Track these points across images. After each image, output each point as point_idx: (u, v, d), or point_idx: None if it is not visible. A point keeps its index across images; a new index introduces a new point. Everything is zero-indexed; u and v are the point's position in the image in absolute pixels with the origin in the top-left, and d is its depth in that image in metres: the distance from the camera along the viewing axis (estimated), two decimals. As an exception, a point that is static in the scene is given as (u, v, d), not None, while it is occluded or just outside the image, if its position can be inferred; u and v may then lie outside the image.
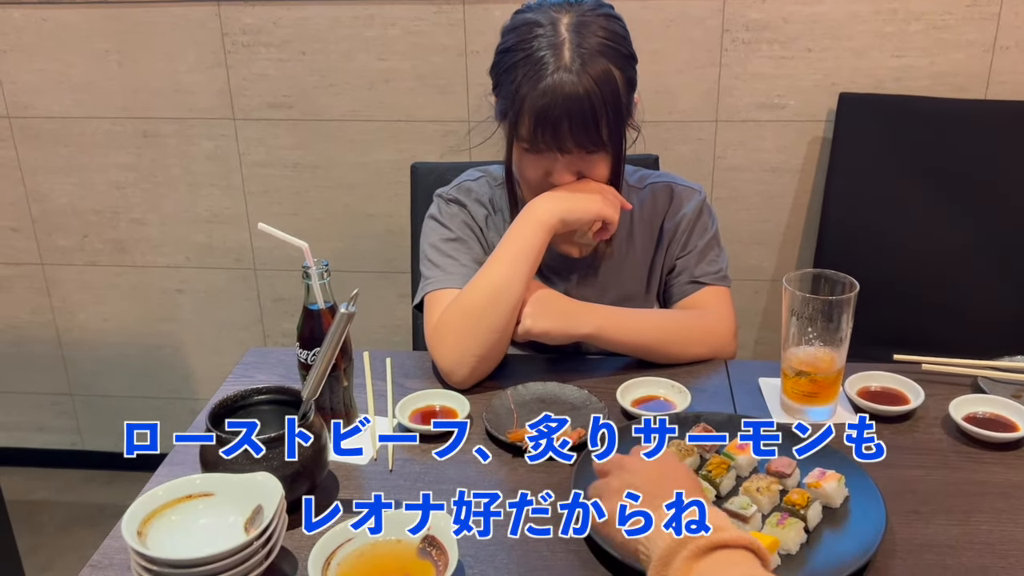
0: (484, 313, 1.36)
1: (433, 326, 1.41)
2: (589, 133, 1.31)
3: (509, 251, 1.38)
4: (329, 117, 2.32)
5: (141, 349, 2.63)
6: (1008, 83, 2.14)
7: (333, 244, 2.44)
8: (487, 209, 1.54)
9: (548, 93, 1.28)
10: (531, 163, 1.39)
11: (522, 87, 1.30)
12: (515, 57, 1.32)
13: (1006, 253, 2.10)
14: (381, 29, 2.23)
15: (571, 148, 1.33)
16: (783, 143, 2.25)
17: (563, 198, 1.38)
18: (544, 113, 1.29)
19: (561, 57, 1.29)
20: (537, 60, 1.30)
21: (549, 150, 1.34)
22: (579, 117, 1.29)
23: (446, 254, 1.49)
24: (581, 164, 1.37)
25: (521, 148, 1.37)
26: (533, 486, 1.17)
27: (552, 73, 1.29)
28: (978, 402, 1.29)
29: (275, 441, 1.06)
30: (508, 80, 1.33)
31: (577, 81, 1.28)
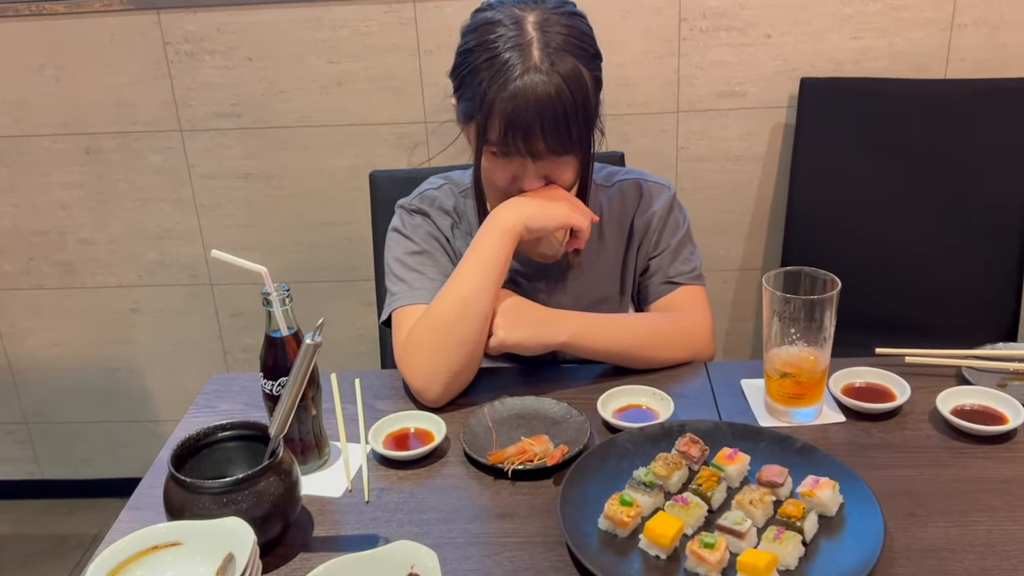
0: (453, 327, 1.31)
1: (402, 344, 1.35)
2: (560, 136, 1.26)
3: (475, 261, 1.33)
4: (280, 124, 2.24)
5: (97, 373, 2.53)
6: (967, 61, 2.12)
7: (291, 255, 2.37)
8: (452, 218, 1.49)
9: (519, 95, 1.23)
10: (499, 168, 1.33)
11: (490, 89, 1.25)
12: (480, 58, 1.27)
13: (973, 232, 2.09)
14: (330, 31, 2.15)
15: (542, 152, 1.28)
16: (746, 131, 2.22)
17: (528, 204, 1.33)
18: (515, 116, 1.24)
19: (530, 57, 1.24)
20: (504, 61, 1.24)
21: (520, 154, 1.28)
22: (551, 120, 1.24)
23: (412, 268, 1.43)
24: (550, 168, 1.32)
25: (489, 153, 1.32)
26: (518, 509, 1.12)
27: (522, 75, 1.23)
28: (964, 394, 1.27)
29: (243, 483, 1.00)
30: (474, 82, 1.27)
31: (548, 81, 1.23)
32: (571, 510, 1.07)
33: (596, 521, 1.06)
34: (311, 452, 1.20)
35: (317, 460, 1.21)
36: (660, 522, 1.02)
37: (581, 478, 1.12)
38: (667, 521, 1.02)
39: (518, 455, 1.17)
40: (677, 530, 1.01)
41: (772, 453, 1.16)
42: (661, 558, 1.01)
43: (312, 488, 1.17)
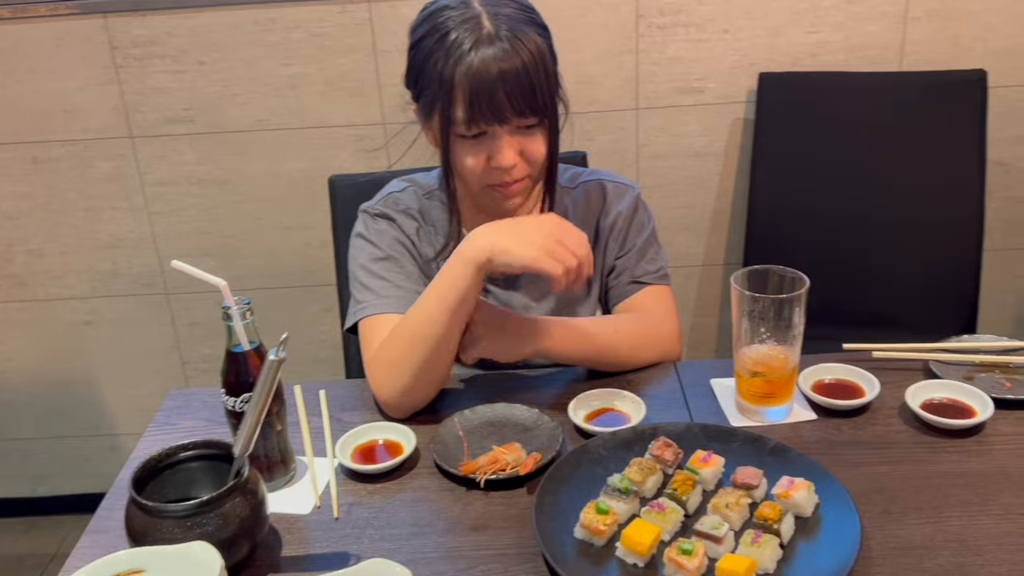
0: (414, 348, 1.27)
1: (372, 356, 1.33)
2: (526, 97, 1.25)
3: (433, 289, 1.27)
4: (234, 128, 2.20)
5: (51, 387, 2.46)
6: (921, 53, 2.14)
7: (248, 261, 2.32)
8: (417, 221, 1.46)
9: (476, 63, 1.22)
10: (471, 152, 1.30)
11: (447, 66, 1.24)
12: (432, 40, 1.26)
13: (931, 223, 2.10)
14: (283, 33, 2.11)
15: (509, 116, 1.26)
16: (705, 127, 2.22)
17: (505, 234, 1.23)
18: (477, 84, 1.23)
19: (481, 27, 1.24)
20: (457, 36, 1.24)
21: (488, 123, 1.26)
22: (513, 80, 1.23)
23: (377, 275, 1.40)
24: (522, 140, 1.30)
25: (457, 136, 1.29)
26: (492, 520, 1.10)
27: (476, 44, 1.23)
28: (933, 388, 1.27)
29: (207, 505, 0.97)
30: (430, 66, 1.26)
31: (505, 46, 1.23)
32: (546, 520, 1.05)
33: (572, 530, 1.04)
34: (277, 468, 1.17)
35: (283, 476, 1.18)
36: (637, 529, 1.00)
37: (555, 487, 1.10)
38: (644, 528, 1.01)
39: (490, 465, 1.15)
40: (654, 537, 1.00)
41: (746, 454, 1.15)
42: (639, 566, 0.99)
43: (279, 506, 1.14)
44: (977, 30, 2.11)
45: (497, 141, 1.29)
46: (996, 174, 2.19)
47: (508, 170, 1.31)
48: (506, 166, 1.30)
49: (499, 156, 1.29)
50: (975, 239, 2.08)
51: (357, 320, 1.39)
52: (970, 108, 2.06)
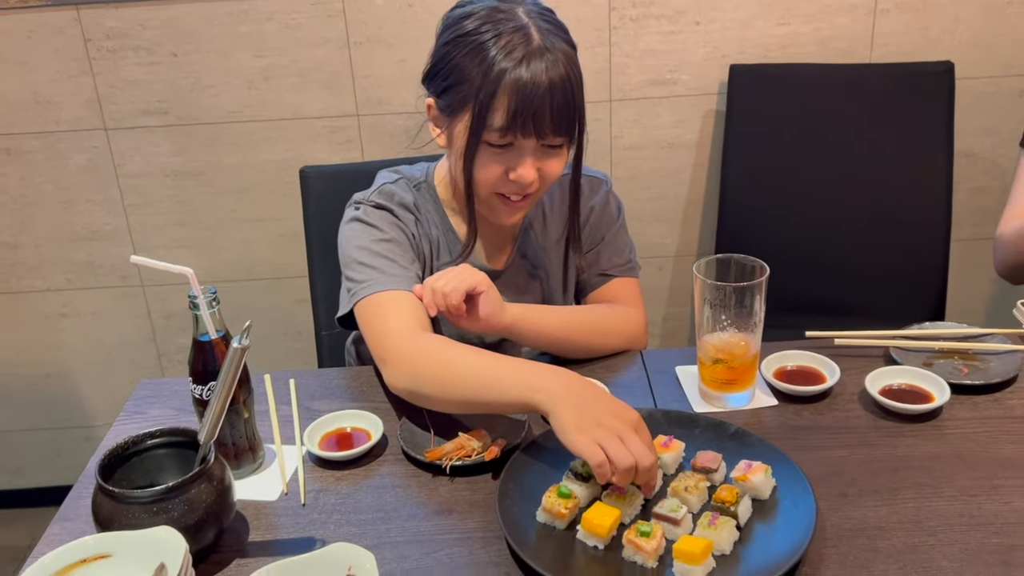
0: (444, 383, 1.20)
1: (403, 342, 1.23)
2: (566, 117, 1.25)
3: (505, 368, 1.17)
4: (208, 120, 2.20)
5: (26, 380, 2.46)
6: (891, 45, 2.17)
7: (223, 253, 2.33)
8: (414, 214, 1.42)
9: (529, 75, 1.21)
10: (493, 158, 1.28)
11: (492, 71, 1.21)
12: (471, 42, 1.24)
13: (901, 214, 2.13)
14: (256, 24, 2.12)
15: (548, 132, 1.25)
16: (678, 118, 2.24)
17: (582, 412, 1.07)
18: (525, 96, 1.21)
19: (531, 39, 1.23)
20: (507, 42, 1.22)
21: (525, 137, 1.25)
22: (561, 98, 1.23)
23: (381, 255, 1.34)
24: (545, 157, 1.30)
25: (484, 142, 1.27)
26: (456, 505, 1.12)
27: (529, 55, 1.21)
28: (892, 374, 1.30)
29: (173, 491, 0.98)
30: (468, 68, 1.24)
31: (556, 61, 1.23)
32: (509, 504, 1.07)
33: (534, 514, 1.06)
34: (245, 456, 1.18)
35: (251, 464, 1.19)
36: (597, 512, 1.02)
37: (518, 472, 1.12)
38: (604, 511, 1.03)
39: (456, 451, 1.17)
40: (614, 520, 1.02)
41: (707, 439, 1.17)
42: (599, 548, 1.01)
43: (247, 492, 1.15)
44: (945, 22, 2.14)
45: (522, 156, 1.28)
46: (963, 165, 2.22)
47: (525, 186, 1.31)
48: (526, 182, 1.29)
49: (521, 170, 1.28)
50: (943, 229, 2.11)
51: (361, 299, 1.31)
52: (938, 99, 2.09)
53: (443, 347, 1.23)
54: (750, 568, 0.98)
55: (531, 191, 1.32)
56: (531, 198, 1.35)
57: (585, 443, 1.03)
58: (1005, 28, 2.14)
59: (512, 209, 1.35)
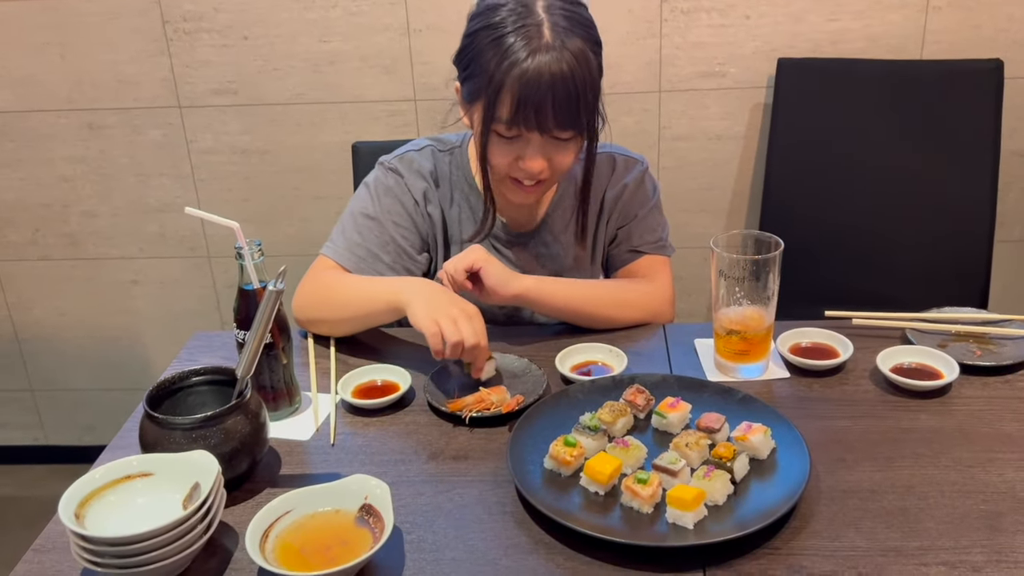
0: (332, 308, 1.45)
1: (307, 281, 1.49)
2: (570, 112, 1.31)
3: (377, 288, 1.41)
4: (274, 101, 2.32)
5: (99, 342, 2.62)
6: (942, 43, 2.17)
7: (284, 229, 2.45)
8: (427, 182, 1.53)
9: (532, 71, 1.28)
10: (504, 147, 1.37)
11: (501, 66, 1.29)
12: (489, 36, 1.31)
13: (946, 209, 2.14)
14: (322, 11, 2.23)
15: (551, 127, 1.32)
16: (726, 110, 2.28)
17: (424, 295, 1.33)
18: (528, 90, 1.28)
19: (541, 36, 1.29)
20: (516, 39, 1.29)
21: (529, 131, 1.33)
22: (563, 96, 1.29)
23: (356, 229, 1.49)
24: (553, 149, 1.36)
25: (495, 132, 1.35)
26: (472, 452, 1.19)
27: (534, 52, 1.28)
28: (905, 353, 1.33)
29: (211, 420, 1.08)
30: (484, 60, 1.31)
31: (560, 58, 1.28)
32: (519, 450, 1.14)
33: (542, 461, 1.13)
34: (282, 399, 1.28)
35: (288, 407, 1.29)
36: (599, 461, 1.09)
37: (532, 423, 1.19)
38: (606, 460, 1.09)
39: (476, 403, 1.25)
40: (615, 468, 1.08)
41: (714, 403, 1.22)
42: (600, 494, 1.08)
43: (282, 432, 1.24)
44: (999, 21, 2.14)
45: (530, 146, 1.35)
46: (1013, 165, 2.22)
47: (534, 175, 1.39)
48: (534, 172, 1.37)
49: (528, 161, 1.36)
50: (987, 228, 2.11)
51: (320, 253, 1.51)
52: (986, 97, 2.09)
53: (335, 278, 1.46)
54: (741, 518, 1.03)
55: (542, 178, 1.39)
56: (544, 184, 1.42)
57: (427, 322, 1.27)
58: (1059, 27, 2.14)
59: (525, 193, 1.42)
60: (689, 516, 1.01)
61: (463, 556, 1.01)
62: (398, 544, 1.03)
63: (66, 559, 1.03)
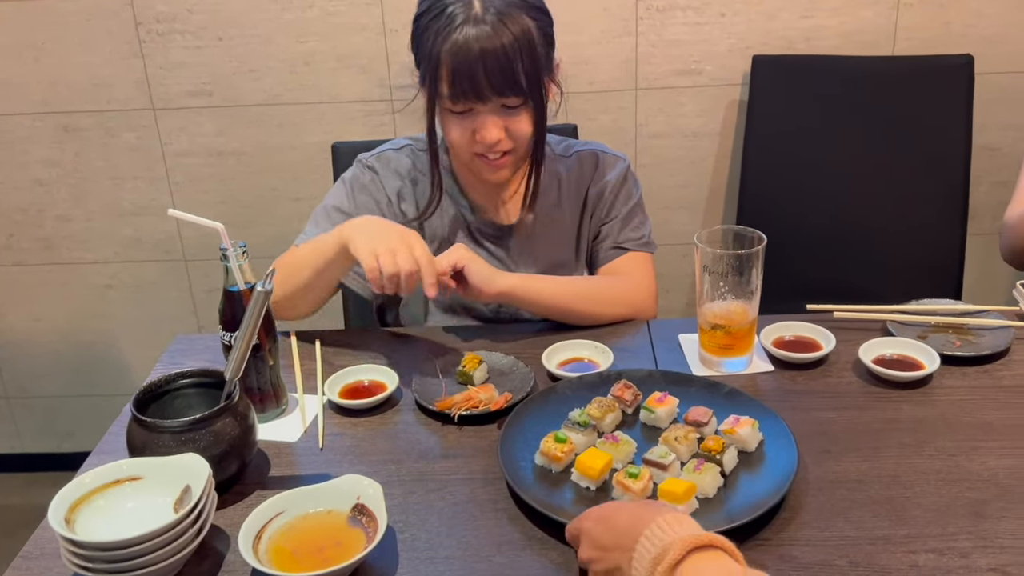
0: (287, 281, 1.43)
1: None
2: (506, 79, 1.34)
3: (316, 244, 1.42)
4: (251, 102, 2.31)
5: (75, 347, 2.60)
6: (913, 39, 2.20)
7: (264, 229, 2.43)
8: (402, 180, 1.55)
9: (460, 41, 1.31)
10: (457, 123, 1.40)
11: (436, 42, 1.33)
12: (428, 17, 1.36)
13: (919, 202, 2.17)
14: (298, 11, 2.22)
15: (490, 96, 1.35)
16: (702, 108, 2.30)
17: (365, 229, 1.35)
18: (459, 62, 1.32)
19: (471, 8, 1.33)
20: (448, 15, 1.33)
21: (469, 100, 1.35)
22: (494, 62, 1.32)
23: (329, 222, 1.50)
24: (505, 119, 1.39)
25: (445, 110, 1.39)
26: (462, 451, 1.19)
27: (463, 23, 1.32)
28: (887, 345, 1.35)
29: (200, 423, 1.07)
30: (424, 41, 1.36)
31: (490, 31, 1.31)
32: (510, 448, 1.14)
33: (533, 457, 1.13)
34: (270, 401, 1.27)
35: (275, 409, 1.28)
36: (590, 456, 1.10)
37: (521, 420, 1.20)
38: (597, 455, 1.10)
39: (464, 401, 1.25)
40: (606, 463, 1.09)
41: (701, 397, 1.23)
42: (591, 489, 1.08)
43: (270, 434, 1.24)
44: (968, 17, 2.17)
45: (481, 117, 1.38)
46: (984, 159, 2.26)
47: (492, 146, 1.40)
48: (489, 142, 1.39)
49: (482, 132, 1.39)
50: (960, 220, 2.14)
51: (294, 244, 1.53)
52: (957, 93, 2.12)
53: (291, 252, 1.48)
54: (731, 510, 1.04)
55: (503, 149, 1.42)
56: (510, 156, 1.44)
57: (365, 254, 1.28)
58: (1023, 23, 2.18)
59: (494, 167, 1.45)
60: (681, 509, 1.02)
61: (457, 554, 1.02)
62: (391, 544, 1.03)
63: (55, 565, 1.02)
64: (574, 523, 0.97)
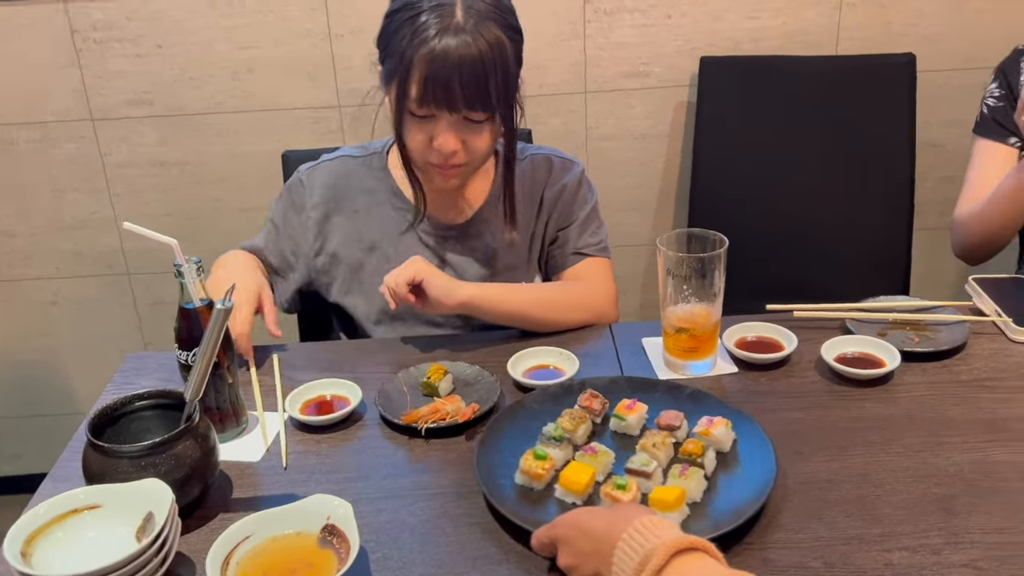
0: None
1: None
2: (479, 93, 1.32)
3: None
4: (193, 111, 2.25)
5: (18, 367, 2.50)
6: (856, 39, 2.24)
7: (210, 242, 2.37)
8: (331, 192, 1.55)
9: (439, 50, 1.29)
10: (417, 127, 1.38)
11: (411, 45, 1.30)
12: (404, 16, 1.32)
13: (866, 198, 2.20)
14: (240, 18, 2.17)
15: (460, 107, 1.32)
16: (650, 109, 2.30)
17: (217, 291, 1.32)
18: (435, 69, 1.29)
19: (453, 16, 1.30)
20: (428, 18, 1.30)
21: (438, 108, 1.33)
22: (470, 75, 1.30)
23: (264, 234, 1.59)
24: (466, 132, 1.37)
25: (408, 112, 1.36)
26: (431, 464, 1.17)
27: (444, 30, 1.29)
28: (847, 343, 1.36)
29: (161, 447, 1.04)
30: (397, 39, 1.32)
31: (470, 41, 1.29)
32: (487, 468, 1.11)
33: (512, 476, 1.10)
34: (229, 420, 1.24)
35: (235, 428, 1.25)
36: (573, 471, 1.07)
37: (494, 438, 1.16)
38: (580, 469, 1.08)
39: (430, 414, 1.23)
40: (590, 477, 1.07)
41: (667, 401, 1.23)
42: (577, 504, 1.06)
43: (231, 454, 1.20)
44: (909, 16, 2.21)
45: (441, 125, 1.36)
46: (929, 155, 2.30)
47: (447, 156, 1.38)
48: (446, 151, 1.37)
49: (440, 139, 1.36)
50: (907, 211, 2.18)
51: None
52: (900, 91, 2.16)
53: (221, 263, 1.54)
54: (717, 516, 1.03)
55: (457, 161, 1.39)
56: (463, 168, 1.42)
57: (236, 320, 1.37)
58: (966, 22, 2.22)
59: (444, 176, 1.43)
60: (674, 516, 1.01)
61: (432, 571, 1.00)
62: (364, 564, 1.01)
63: (12, 602, 0.97)
64: (544, 531, 0.96)
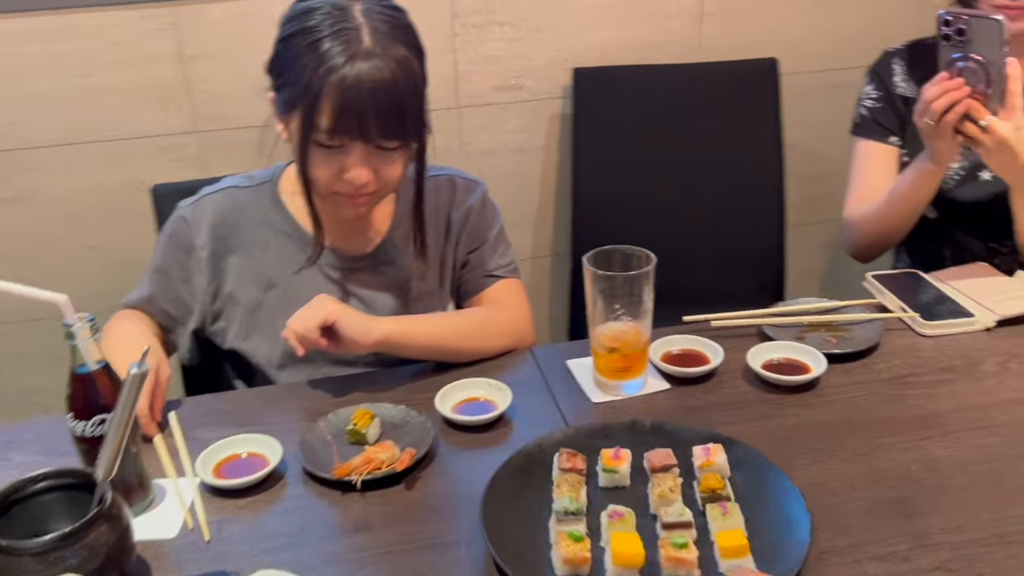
0: None
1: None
2: (393, 120, 1.23)
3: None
4: (29, 145, 2.04)
5: None
6: (717, 47, 2.28)
7: (63, 286, 2.14)
8: (219, 229, 1.42)
9: (352, 77, 1.19)
10: (326, 159, 1.27)
11: (318, 71, 1.19)
12: (303, 41, 1.21)
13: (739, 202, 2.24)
14: (77, 42, 1.98)
15: (375, 136, 1.23)
16: (525, 123, 2.27)
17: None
18: (348, 99, 1.19)
19: (360, 40, 1.20)
20: (332, 44, 1.20)
21: (351, 139, 1.23)
22: (385, 103, 1.21)
23: (149, 283, 1.45)
24: (378, 160, 1.28)
25: (314, 145, 1.25)
26: (373, 521, 1.08)
27: (353, 56, 1.19)
28: (770, 349, 1.36)
29: (71, 537, 0.90)
30: (298, 66, 1.21)
31: (382, 65, 1.20)
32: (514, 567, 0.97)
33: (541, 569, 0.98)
34: (135, 494, 1.10)
35: (142, 502, 1.11)
36: (622, 542, 0.97)
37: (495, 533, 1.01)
38: (628, 540, 0.98)
39: (364, 465, 1.13)
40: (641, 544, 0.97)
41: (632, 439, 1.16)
42: None
43: (142, 533, 1.06)
44: (771, 23, 2.28)
45: (353, 156, 1.26)
46: (791, 155, 2.37)
47: (360, 187, 1.29)
48: (358, 183, 1.28)
49: (354, 172, 1.27)
50: (777, 214, 2.24)
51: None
52: (765, 94, 2.22)
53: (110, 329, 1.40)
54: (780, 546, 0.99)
55: (369, 190, 1.31)
56: (374, 196, 1.34)
57: None
58: (820, 26, 2.31)
59: (354, 206, 1.33)
60: (748, 560, 0.96)
61: (401, 642, 0.91)
62: (324, 643, 0.91)
63: None
64: None
